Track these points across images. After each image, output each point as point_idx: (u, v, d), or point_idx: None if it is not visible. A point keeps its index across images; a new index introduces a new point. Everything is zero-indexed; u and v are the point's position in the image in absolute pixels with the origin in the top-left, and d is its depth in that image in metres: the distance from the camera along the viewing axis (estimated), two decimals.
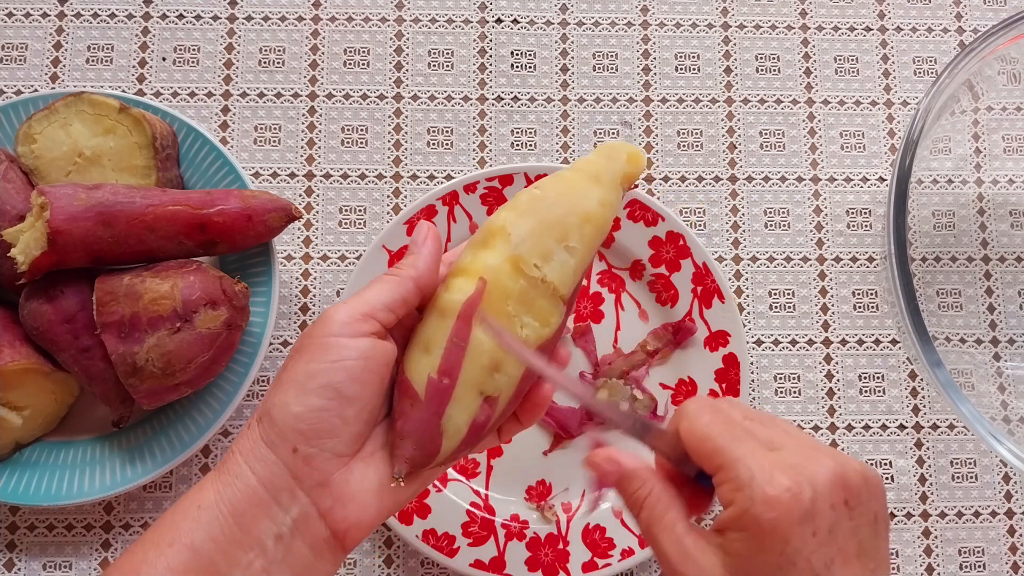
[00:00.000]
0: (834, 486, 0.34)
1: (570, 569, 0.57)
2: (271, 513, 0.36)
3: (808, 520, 0.33)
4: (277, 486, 0.36)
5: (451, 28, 0.67)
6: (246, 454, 0.37)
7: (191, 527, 0.36)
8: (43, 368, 0.53)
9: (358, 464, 0.38)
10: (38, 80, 0.64)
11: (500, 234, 0.40)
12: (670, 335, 0.61)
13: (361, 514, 0.38)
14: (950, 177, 0.67)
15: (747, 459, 0.34)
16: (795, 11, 0.68)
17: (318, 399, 0.36)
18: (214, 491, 0.37)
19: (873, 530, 0.35)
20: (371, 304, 0.38)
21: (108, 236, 0.51)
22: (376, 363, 0.38)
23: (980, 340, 0.64)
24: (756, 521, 0.33)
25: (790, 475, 0.33)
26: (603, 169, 0.42)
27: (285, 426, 0.36)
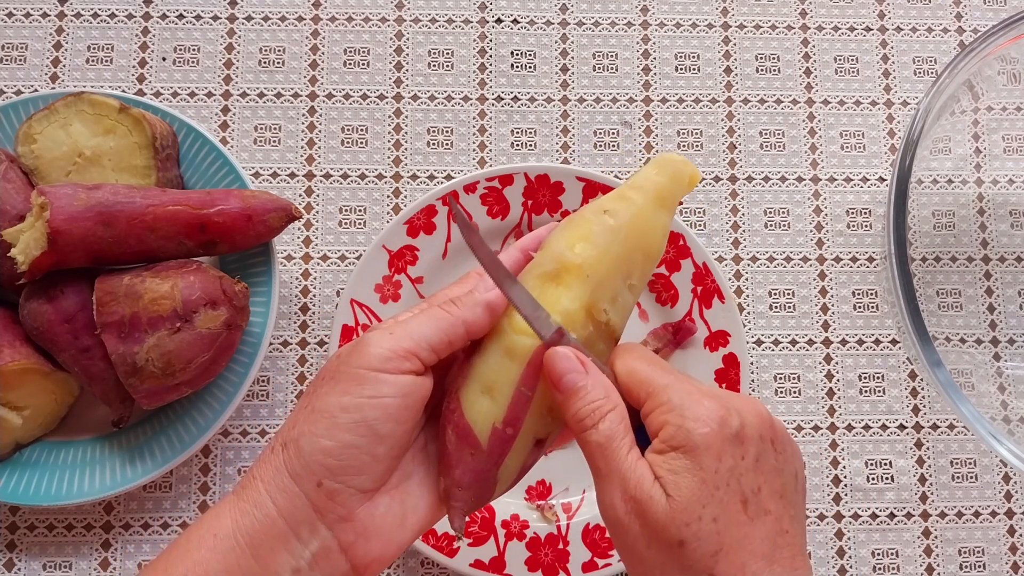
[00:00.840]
0: (761, 420, 0.35)
1: (570, 569, 0.57)
2: (290, 546, 0.35)
3: (737, 443, 0.34)
4: (298, 519, 0.35)
5: (451, 28, 0.67)
6: (267, 482, 0.35)
7: (206, 558, 0.35)
8: (43, 368, 0.53)
9: (383, 498, 0.36)
10: (38, 80, 0.64)
11: (576, 272, 0.37)
12: (670, 335, 0.61)
13: (384, 549, 0.36)
14: (950, 177, 0.67)
15: (675, 386, 0.35)
16: (795, 11, 0.68)
17: (350, 435, 0.35)
18: (231, 520, 0.35)
19: (795, 484, 0.36)
20: (416, 341, 0.36)
21: (108, 236, 0.51)
22: (414, 400, 0.36)
23: (980, 340, 0.64)
24: (689, 436, 0.34)
25: (718, 401, 0.35)
26: (668, 192, 0.39)
27: (312, 459, 0.35)
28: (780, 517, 0.34)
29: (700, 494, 0.33)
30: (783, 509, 0.35)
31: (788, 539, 0.34)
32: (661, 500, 0.33)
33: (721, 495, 0.33)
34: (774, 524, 0.34)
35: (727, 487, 0.33)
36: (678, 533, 0.33)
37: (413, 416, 0.36)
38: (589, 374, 0.36)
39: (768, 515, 0.34)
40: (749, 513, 0.34)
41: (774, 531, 0.34)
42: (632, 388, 0.36)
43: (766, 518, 0.34)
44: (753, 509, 0.34)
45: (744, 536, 0.33)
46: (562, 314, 0.37)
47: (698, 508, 0.33)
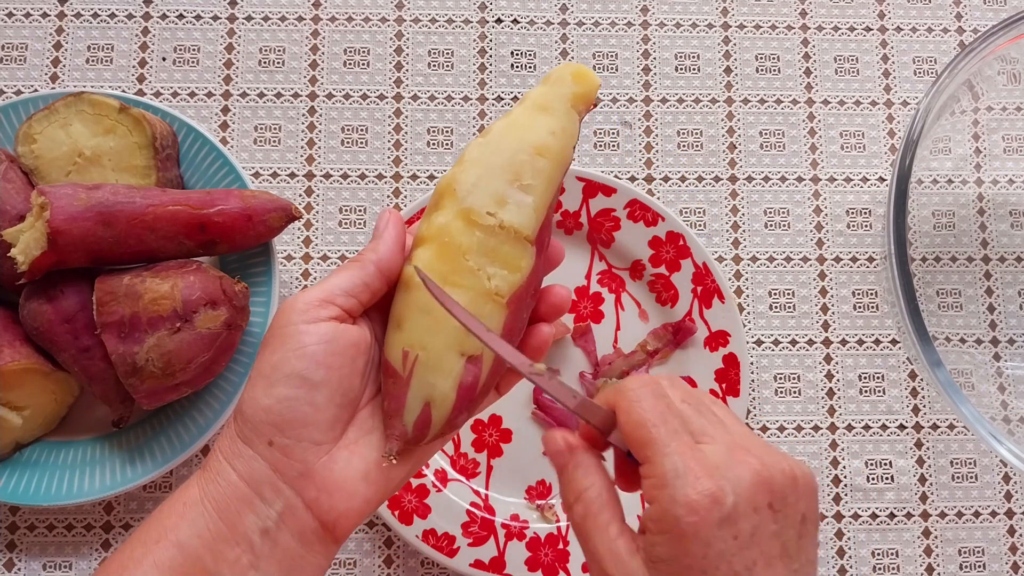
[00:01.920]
0: (757, 489, 0.33)
1: (570, 569, 0.57)
2: (255, 508, 0.36)
3: (729, 524, 0.32)
4: (258, 480, 0.36)
5: (451, 28, 0.67)
6: (225, 452, 0.37)
7: (176, 523, 0.36)
8: (43, 368, 0.53)
9: (341, 452, 0.37)
10: (38, 80, 0.64)
11: (448, 192, 0.39)
12: (670, 335, 0.61)
13: (349, 502, 0.37)
14: (950, 177, 0.67)
15: (674, 456, 0.33)
16: (795, 11, 0.68)
17: (285, 388, 0.36)
18: (198, 488, 0.37)
19: (799, 531, 0.34)
20: (329, 290, 0.38)
21: (108, 236, 0.51)
22: (340, 346, 0.37)
23: (980, 340, 0.64)
24: (676, 523, 0.32)
25: (713, 477, 0.33)
26: (549, 96, 0.40)
27: (257, 420, 0.36)
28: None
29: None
30: (783, 570, 0.34)
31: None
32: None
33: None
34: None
35: (716, 571, 0.32)
36: None
37: (346, 362, 0.37)
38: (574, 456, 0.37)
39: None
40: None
41: None
42: (634, 444, 0.35)
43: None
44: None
45: None
46: (438, 229, 0.38)
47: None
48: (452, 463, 0.59)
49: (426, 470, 0.58)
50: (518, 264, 0.39)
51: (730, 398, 0.59)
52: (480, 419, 0.60)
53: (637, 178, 0.65)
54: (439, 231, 0.38)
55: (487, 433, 0.60)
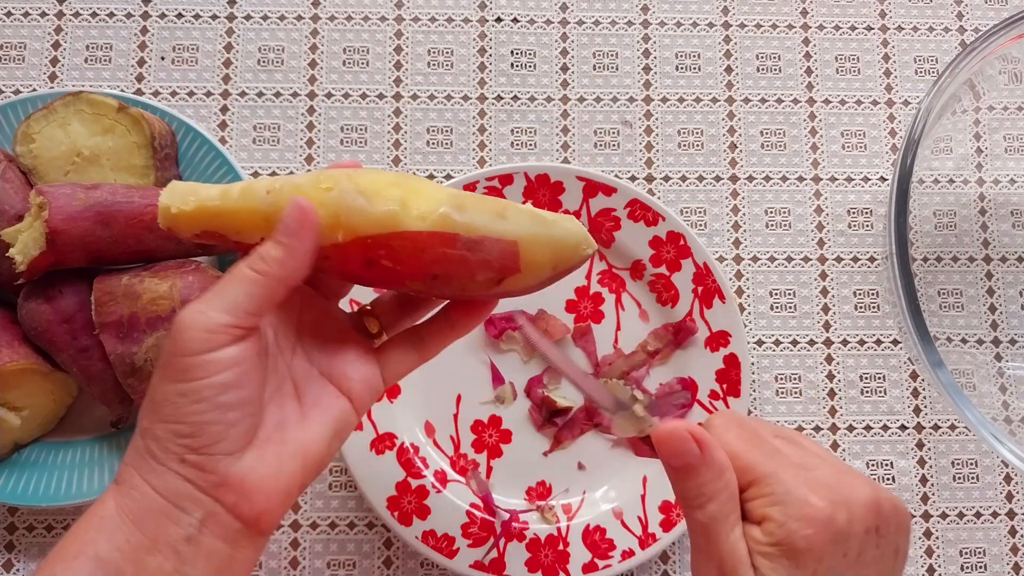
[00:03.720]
0: (868, 511, 0.34)
1: (570, 570, 0.56)
2: (175, 518, 0.35)
3: (842, 541, 0.33)
4: (175, 493, 0.35)
5: (451, 27, 0.66)
6: (138, 467, 0.36)
7: (94, 538, 0.35)
8: (41, 368, 0.53)
9: (251, 453, 0.36)
10: (37, 80, 0.64)
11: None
12: (671, 335, 0.61)
13: (268, 500, 0.36)
14: (951, 177, 0.66)
15: (782, 474, 0.34)
16: (796, 10, 0.68)
17: (197, 416, 0.35)
18: (114, 502, 0.36)
19: (894, 561, 0.35)
20: (233, 312, 0.35)
21: (107, 236, 0.51)
22: (248, 364, 0.36)
23: (981, 340, 0.64)
24: (791, 537, 0.33)
25: (827, 494, 0.34)
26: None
27: (168, 442, 0.35)
28: None
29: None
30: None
31: None
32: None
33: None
34: None
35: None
36: None
37: (255, 376, 0.36)
38: (705, 454, 0.36)
39: None
40: None
41: None
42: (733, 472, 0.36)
43: None
44: None
45: None
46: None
47: None
48: (452, 464, 0.59)
49: (426, 471, 0.58)
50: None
51: (731, 398, 0.59)
52: (480, 419, 0.60)
53: (637, 178, 0.65)
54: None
55: (487, 434, 0.60)
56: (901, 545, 0.36)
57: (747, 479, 0.35)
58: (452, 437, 0.60)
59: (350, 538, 0.59)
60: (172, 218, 0.39)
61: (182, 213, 0.38)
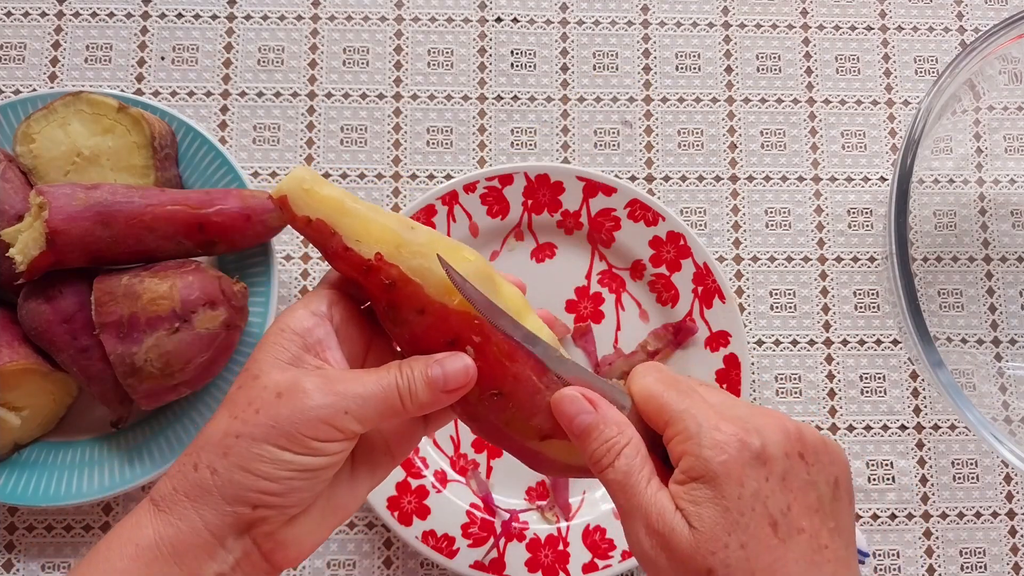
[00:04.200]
0: (786, 436, 0.34)
1: (570, 570, 0.56)
2: (215, 555, 0.35)
3: (759, 463, 0.33)
4: (226, 533, 0.35)
5: (451, 27, 0.66)
6: (196, 500, 0.35)
7: (128, 567, 0.34)
8: (41, 368, 0.53)
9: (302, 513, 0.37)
10: (37, 80, 0.64)
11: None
12: (671, 335, 0.61)
13: (301, 550, 0.37)
14: (951, 177, 0.66)
15: (693, 410, 0.35)
16: (796, 10, 0.68)
17: (293, 482, 0.35)
18: (153, 530, 0.35)
19: (833, 493, 0.35)
20: (364, 422, 0.36)
21: (106, 236, 0.51)
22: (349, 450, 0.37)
23: (981, 340, 0.64)
24: (707, 465, 0.33)
25: (739, 424, 0.34)
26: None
27: (248, 492, 0.35)
28: (817, 533, 0.33)
29: (724, 522, 0.32)
30: (820, 523, 0.34)
31: (828, 554, 0.33)
32: (684, 531, 0.33)
33: (747, 520, 0.33)
34: (809, 541, 0.33)
35: (752, 512, 0.33)
36: (705, 562, 0.32)
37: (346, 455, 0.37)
38: (599, 411, 0.36)
39: (802, 533, 0.33)
40: (780, 535, 0.33)
41: (810, 549, 0.33)
42: (651, 416, 0.36)
43: (799, 537, 0.33)
44: (784, 530, 0.33)
45: (776, 559, 0.32)
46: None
47: (723, 536, 0.32)
48: (452, 464, 0.59)
49: (426, 471, 0.58)
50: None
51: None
52: None
53: (637, 178, 0.65)
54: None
55: None
56: (841, 479, 0.35)
57: (663, 419, 0.35)
58: (452, 437, 0.60)
59: (350, 538, 0.59)
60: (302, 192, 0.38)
61: (313, 192, 0.38)
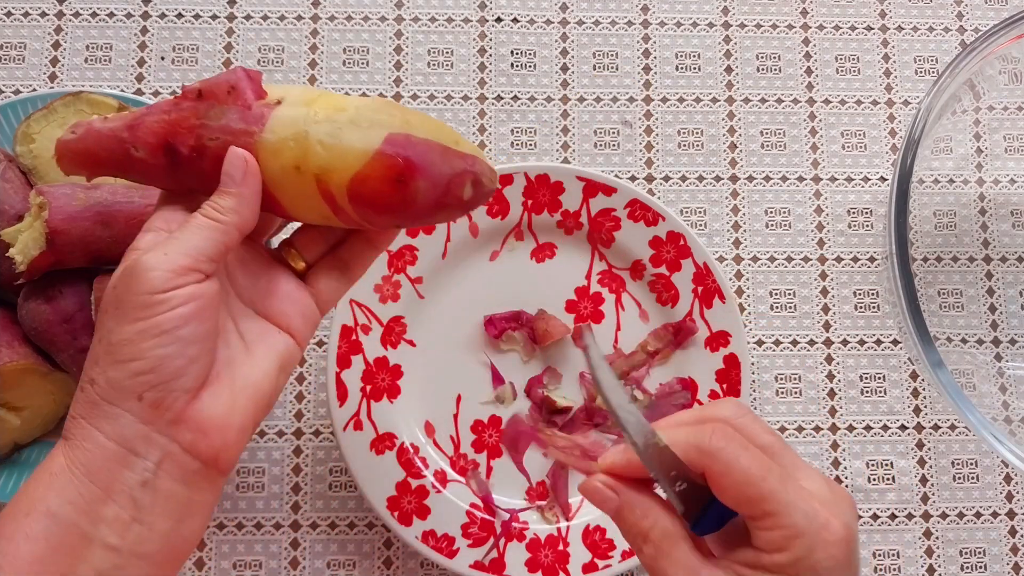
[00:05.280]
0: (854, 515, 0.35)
1: (570, 570, 0.56)
2: (129, 463, 0.35)
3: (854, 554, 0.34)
4: (129, 436, 0.35)
5: (451, 27, 0.66)
6: (87, 415, 0.36)
7: (45, 494, 0.35)
8: (41, 368, 0.53)
9: (205, 391, 0.37)
10: (37, 80, 0.64)
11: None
12: (671, 335, 0.61)
13: (224, 437, 0.37)
14: (951, 177, 0.66)
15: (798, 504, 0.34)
16: (796, 10, 0.68)
17: (158, 349, 0.35)
18: (63, 456, 0.36)
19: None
20: (193, 257, 0.36)
21: (107, 236, 0.51)
22: (207, 301, 0.37)
23: (981, 340, 0.64)
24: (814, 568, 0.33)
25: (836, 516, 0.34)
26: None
27: (124, 381, 0.35)
28: None
29: None
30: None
31: None
32: None
33: None
34: None
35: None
36: None
37: (213, 311, 0.37)
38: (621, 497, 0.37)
39: None
40: None
41: None
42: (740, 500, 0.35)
43: None
44: None
45: None
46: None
47: None
48: (452, 464, 0.59)
49: (426, 471, 0.58)
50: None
51: (731, 399, 0.59)
52: (480, 419, 0.60)
53: (637, 178, 0.65)
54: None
55: (487, 434, 0.60)
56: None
57: (762, 509, 0.34)
58: (452, 437, 0.60)
59: (350, 538, 0.59)
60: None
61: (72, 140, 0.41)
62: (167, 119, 0.39)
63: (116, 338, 0.35)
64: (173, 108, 0.39)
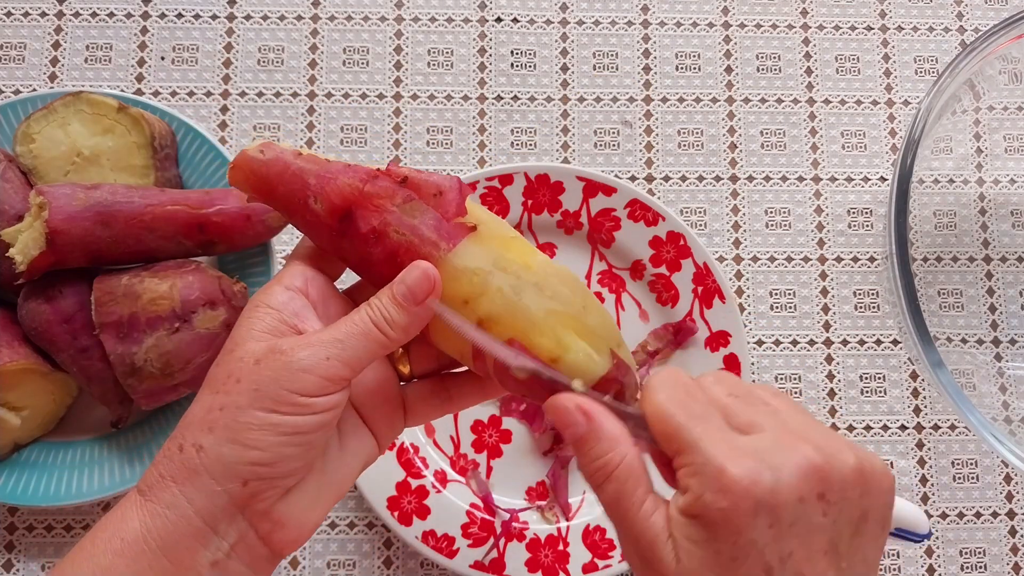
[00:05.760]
0: (806, 477, 0.31)
1: (570, 570, 0.56)
2: (207, 542, 0.34)
3: (764, 511, 0.31)
4: (217, 515, 0.34)
5: (451, 27, 0.66)
6: (183, 483, 0.34)
7: (113, 563, 0.33)
8: (41, 368, 0.53)
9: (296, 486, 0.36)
10: (37, 80, 0.64)
11: None
12: (671, 335, 0.61)
13: (300, 533, 0.36)
14: (951, 177, 0.66)
15: (705, 442, 0.32)
16: (796, 10, 0.68)
17: (284, 448, 0.34)
18: (139, 522, 0.34)
19: (855, 528, 0.32)
20: (353, 368, 0.35)
21: (106, 236, 0.51)
22: (341, 410, 0.36)
23: (981, 340, 0.64)
24: (706, 510, 0.31)
25: (751, 462, 0.31)
26: None
27: (239, 464, 0.34)
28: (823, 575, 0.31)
29: (713, 564, 0.31)
30: (827, 566, 0.31)
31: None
32: (671, 563, 0.31)
33: (737, 566, 0.31)
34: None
35: (745, 558, 0.31)
36: None
37: (338, 418, 0.36)
38: (592, 423, 0.34)
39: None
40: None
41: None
42: (661, 440, 0.33)
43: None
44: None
45: None
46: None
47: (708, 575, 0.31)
48: (452, 464, 0.59)
49: (426, 471, 0.58)
50: None
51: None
52: (480, 419, 0.60)
53: (637, 178, 0.65)
54: None
55: (487, 434, 0.60)
56: (871, 511, 0.33)
57: (674, 447, 0.32)
58: (452, 437, 0.60)
59: (350, 538, 0.59)
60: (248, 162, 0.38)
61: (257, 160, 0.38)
62: (360, 188, 0.37)
63: (245, 419, 0.34)
64: (371, 180, 0.38)
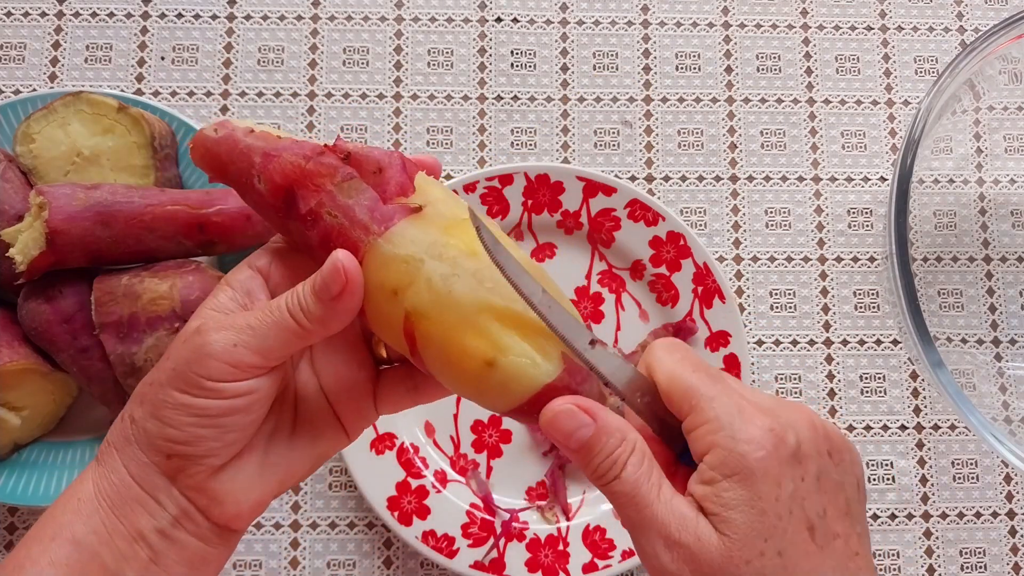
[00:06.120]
0: (816, 433, 0.32)
1: (570, 570, 0.56)
2: (149, 508, 0.35)
3: (796, 462, 0.30)
4: (152, 484, 0.35)
5: (451, 27, 0.66)
6: (120, 450, 0.36)
7: (72, 520, 0.35)
8: (41, 368, 0.53)
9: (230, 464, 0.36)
10: (37, 80, 0.64)
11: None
12: (671, 335, 0.61)
13: (239, 509, 0.36)
14: (951, 177, 0.66)
15: (723, 398, 0.31)
16: (796, 10, 0.68)
17: (196, 428, 0.34)
18: (92, 483, 0.36)
19: (858, 496, 0.32)
20: (262, 356, 0.34)
21: (106, 236, 0.51)
22: (260, 395, 0.35)
23: (981, 340, 0.63)
24: (743, 461, 0.30)
25: (770, 417, 0.31)
26: None
27: (157, 438, 0.35)
28: (848, 538, 0.31)
29: (760, 527, 0.29)
30: (850, 528, 0.31)
31: (860, 562, 0.31)
32: (712, 539, 0.30)
33: (784, 525, 0.30)
34: (843, 548, 0.31)
35: (791, 515, 0.30)
36: (738, 572, 0.29)
37: (261, 407, 0.36)
38: (598, 421, 0.32)
39: (837, 539, 0.31)
40: (818, 541, 0.30)
41: (845, 556, 0.31)
42: (674, 398, 0.32)
43: (835, 543, 0.31)
44: (821, 536, 0.30)
45: (814, 568, 0.30)
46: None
47: (759, 543, 0.29)
48: (452, 464, 0.59)
49: (426, 471, 0.58)
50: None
51: None
52: (480, 419, 0.60)
53: (637, 178, 0.65)
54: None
55: (487, 434, 0.60)
56: (861, 480, 0.33)
57: (688, 404, 0.32)
58: (452, 437, 0.60)
59: (350, 538, 0.59)
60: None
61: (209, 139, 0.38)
62: (302, 166, 0.35)
63: (162, 396, 0.34)
64: (315, 157, 0.35)
